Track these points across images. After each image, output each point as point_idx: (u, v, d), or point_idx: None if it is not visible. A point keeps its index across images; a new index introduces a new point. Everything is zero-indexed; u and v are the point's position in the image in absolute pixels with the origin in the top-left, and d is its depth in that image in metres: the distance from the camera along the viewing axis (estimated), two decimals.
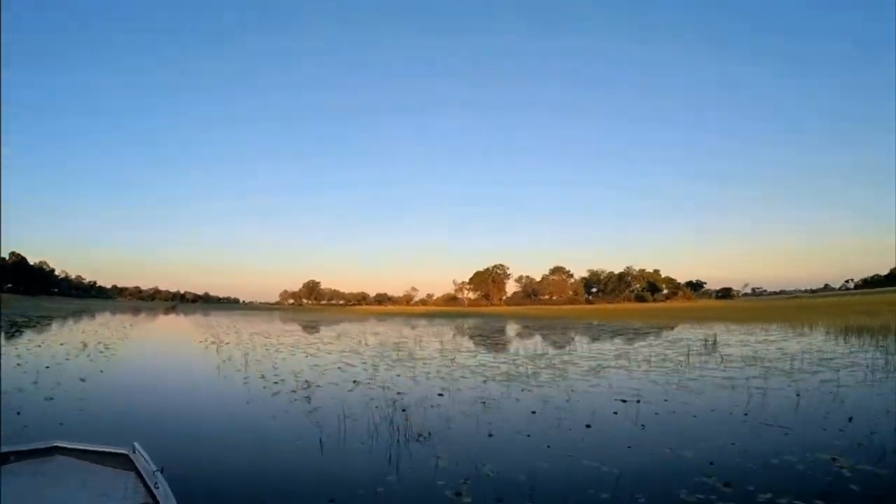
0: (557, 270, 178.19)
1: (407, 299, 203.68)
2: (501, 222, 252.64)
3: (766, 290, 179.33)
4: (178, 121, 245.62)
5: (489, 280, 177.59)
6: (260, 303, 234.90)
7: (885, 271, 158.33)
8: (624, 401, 10.48)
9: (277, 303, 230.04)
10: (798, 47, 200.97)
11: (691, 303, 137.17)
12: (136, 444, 4.48)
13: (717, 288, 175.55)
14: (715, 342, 23.43)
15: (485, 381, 13.31)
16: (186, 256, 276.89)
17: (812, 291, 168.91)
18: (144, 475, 4.17)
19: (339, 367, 16.05)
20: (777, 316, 46.77)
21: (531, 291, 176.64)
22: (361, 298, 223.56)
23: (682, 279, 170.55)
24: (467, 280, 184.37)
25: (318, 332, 37.81)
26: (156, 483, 4.02)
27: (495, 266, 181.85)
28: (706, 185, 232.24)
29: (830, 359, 16.66)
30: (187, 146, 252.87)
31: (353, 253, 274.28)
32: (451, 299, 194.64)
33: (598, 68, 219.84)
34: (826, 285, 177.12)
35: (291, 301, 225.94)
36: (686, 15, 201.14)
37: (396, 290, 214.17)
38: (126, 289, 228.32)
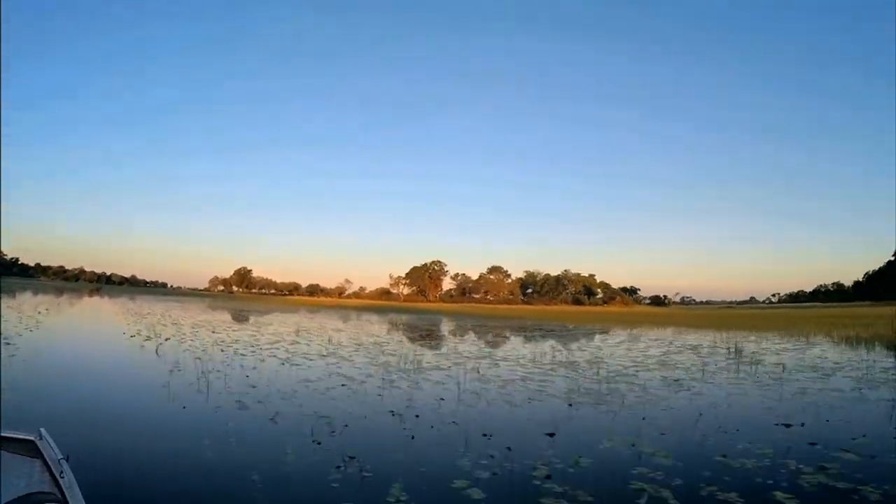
0: (495, 270, 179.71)
1: (339, 291, 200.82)
2: (441, 220, 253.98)
3: (694, 300, 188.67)
4: (112, 103, 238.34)
5: (426, 276, 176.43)
6: (188, 288, 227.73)
7: (809, 288, 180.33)
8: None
9: (207, 289, 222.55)
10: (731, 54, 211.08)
11: (629, 308, 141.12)
12: (43, 430, 4.20)
13: (649, 295, 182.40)
14: (737, 349, 22.17)
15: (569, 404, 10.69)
16: (115, 237, 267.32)
17: (739, 303, 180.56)
18: (50, 463, 3.98)
19: (342, 385, 11.79)
20: (728, 324, 47.71)
21: (467, 289, 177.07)
22: (294, 289, 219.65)
23: (616, 285, 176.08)
24: (403, 275, 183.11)
25: (269, 325, 34.72)
26: (61, 472, 3.87)
27: (433, 262, 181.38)
28: (648, 194, 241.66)
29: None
30: (119, 127, 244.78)
31: (287, 242, 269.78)
32: (384, 293, 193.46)
33: (552, 71, 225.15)
34: (752, 297, 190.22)
35: (221, 288, 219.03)
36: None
37: (330, 282, 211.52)
38: (50, 268, 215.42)
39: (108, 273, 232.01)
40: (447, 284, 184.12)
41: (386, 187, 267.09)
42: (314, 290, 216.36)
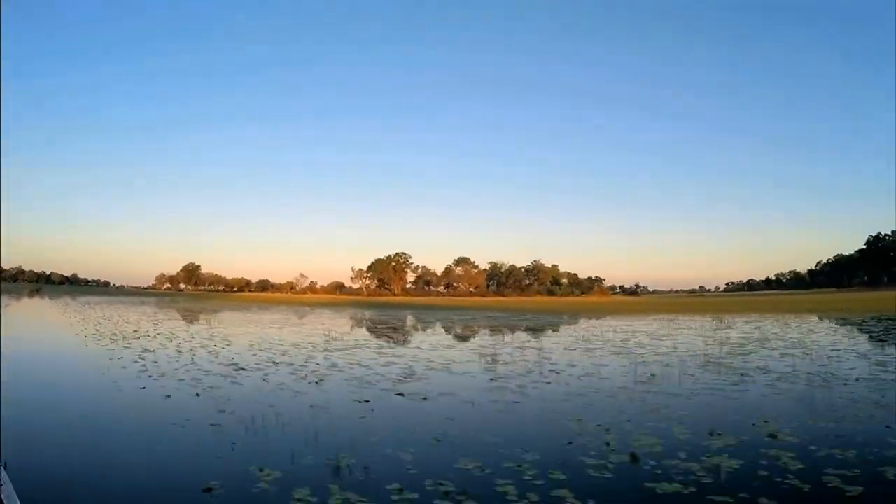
0: (462, 261, 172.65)
1: (290, 286, 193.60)
2: (401, 211, 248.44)
3: (647, 289, 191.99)
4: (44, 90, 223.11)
5: (390, 268, 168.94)
6: (132, 287, 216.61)
7: (759, 277, 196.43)
8: None
9: (153, 287, 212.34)
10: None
11: (609, 298, 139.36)
12: None
13: (609, 285, 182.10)
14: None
15: None
16: (53, 235, 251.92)
17: (690, 292, 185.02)
18: None
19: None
20: (727, 309, 51.28)
21: (432, 281, 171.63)
22: (245, 285, 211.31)
23: (581, 276, 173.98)
24: (365, 268, 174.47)
25: (262, 326, 31.12)
26: None
27: (397, 254, 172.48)
28: (605, 186, 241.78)
29: None
30: (53, 117, 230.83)
31: (238, 236, 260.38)
32: (338, 287, 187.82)
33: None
34: (701, 287, 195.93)
35: (168, 286, 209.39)
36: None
37: (284, 277, 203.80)
38: None
39: (49, 272, 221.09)
40: (412, 277, 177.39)
41: (344, 179, 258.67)
42: (265, 285, 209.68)
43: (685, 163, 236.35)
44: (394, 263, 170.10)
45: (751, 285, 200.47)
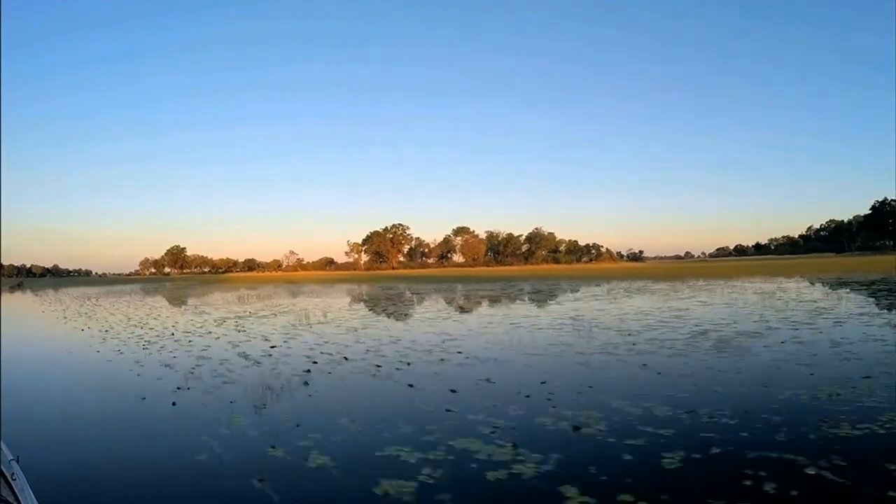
0: (462, 231, 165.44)
1: (276, 265, 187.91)
2: (395, 183, 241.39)
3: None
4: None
5: (387, 240, 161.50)
6: (114, 274, 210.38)
7: (732, 245, 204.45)
8: None
9: (136, 272, 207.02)
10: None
11: (619, 264, 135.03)
12: None
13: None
14: None
15: None
16: (30, 226, 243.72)
17: (678, 258, 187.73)
18: (1, 466, 3.81)
19: None
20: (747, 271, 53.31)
21: (427, 253, 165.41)
22: (232, 265, 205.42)
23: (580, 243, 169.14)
24: (360, 241, 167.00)
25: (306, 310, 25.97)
26: (12, 474, 3.73)
27: (394, 226, 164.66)
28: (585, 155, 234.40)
29: None
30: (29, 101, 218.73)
31: (222, 215, 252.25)
32: (328, 262, 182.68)
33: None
34: (687, 252, 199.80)
35: (153, 270, 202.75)
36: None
37: (274, 255, 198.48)
38: None
39: (29, 265, 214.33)
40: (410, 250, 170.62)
41: (331, 153, 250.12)
42: (251, 265, 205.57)
43: (674, 128, 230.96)
44: (391, 235, 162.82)
45: (739, 251, 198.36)
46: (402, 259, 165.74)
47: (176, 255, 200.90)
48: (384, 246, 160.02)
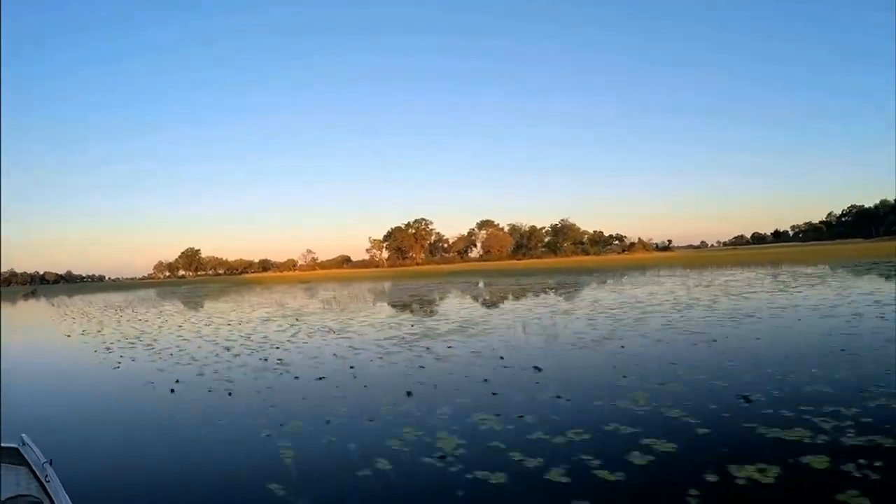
0: (486, 224, 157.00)
1: (291, 265, 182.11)
2: (414, 178, 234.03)
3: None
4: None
5: (411, 236, 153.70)
6: (127, 279, 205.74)
7: (748, 233, 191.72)
8: None
9: (150, 276, 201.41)
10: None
11: (653, 255, 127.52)
12: (25, 436, 4.25)
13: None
14: None
15: None
16: (42, 234, 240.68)
17: (693, 247, 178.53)
18: (35, 468, 3.99)
19: None
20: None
21: (447, 248, 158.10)
22: (247, 266, 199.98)
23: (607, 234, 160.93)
24: (381, 238, 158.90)
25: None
26: (46, 475, 3.89)
27: (416, 221, 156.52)
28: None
29: None
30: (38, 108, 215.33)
31: (235, 216, 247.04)
32: (344, 261, 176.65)
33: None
34: (702, 242, 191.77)
35: (167, 273, 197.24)
36: None
37: (290, 255, 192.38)
38: None
39: (42, 272, 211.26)
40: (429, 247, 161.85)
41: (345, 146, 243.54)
42: (266, 265, 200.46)
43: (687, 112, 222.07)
44: (413, 230, 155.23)
45: (757, 238, 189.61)
46: (440, 249, 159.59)
47: (190, 258, 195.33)
48: (407, 241, 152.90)
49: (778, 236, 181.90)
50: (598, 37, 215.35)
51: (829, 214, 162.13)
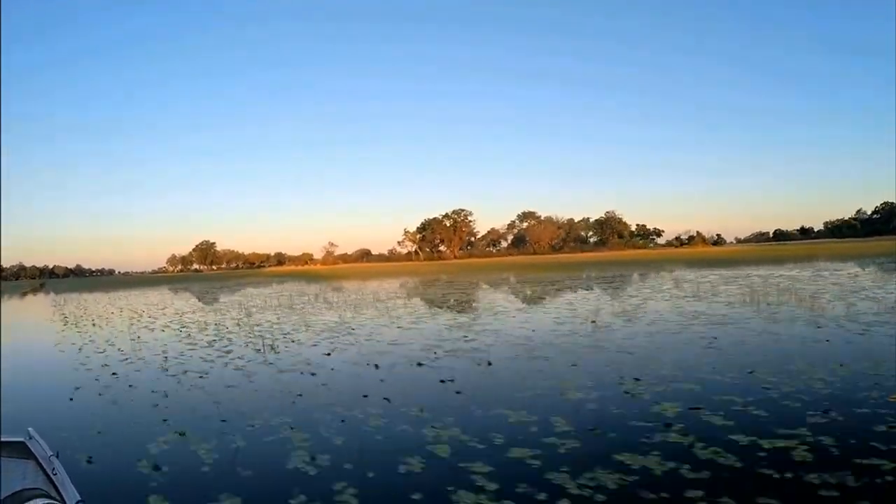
0: (528, 216, 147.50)
1: (306, 259, 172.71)
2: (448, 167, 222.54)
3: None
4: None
5: (447, 227, 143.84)
6: (137, 273, 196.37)
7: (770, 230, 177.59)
8: None
9: (162, 270, 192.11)
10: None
11: (711, 248, 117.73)
12: (31, 430, 4.22)
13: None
14: None
15: None
16: (51, 227, 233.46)
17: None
18: (42, 461, 4.03)
19: None
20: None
21: (492, 240, 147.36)
22: (265, 260, 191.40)
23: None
24: (414, 229, 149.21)
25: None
26: (53, 469, 3.92)
27: (454, 211, 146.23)
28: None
29: None
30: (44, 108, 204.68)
31: (252, 207, 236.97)
32: (364, 254, 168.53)
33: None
34: (719, 237, 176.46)
35: (181, 267, 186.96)
36: None
37: (303, 248, 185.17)
38: None
39: (51, 266, 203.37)
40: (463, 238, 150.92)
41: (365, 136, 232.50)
42: (280, 259, 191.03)
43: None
44: (450, 221, 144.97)
45: (779, 236, 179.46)
46: (480, 241, 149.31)
47: (205, 251, 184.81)
48: (445, 233, 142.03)
49: (805, 233, 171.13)
50: (648, 31, 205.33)
51: (859, 211, 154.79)
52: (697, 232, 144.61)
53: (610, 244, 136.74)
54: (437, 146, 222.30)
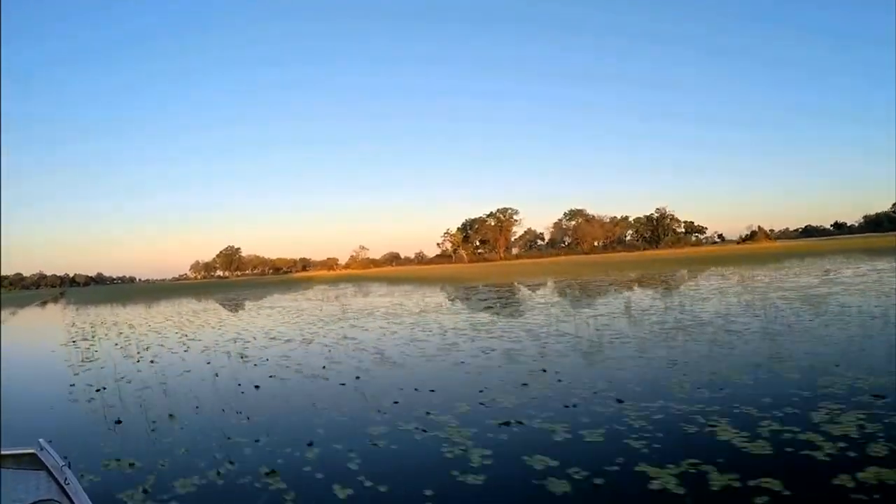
0: (576, 214, 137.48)
1: (329, 265, 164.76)
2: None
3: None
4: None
5: (493, 228, 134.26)
6: (158, 280, 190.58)
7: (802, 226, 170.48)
8: None
9: (184, 276, 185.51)
10: None
11: (775, 244, 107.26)
12: (42, 441, 4.05)
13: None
14: None
15: None
16: (73, 236, 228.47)
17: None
18: (53, 472, 3.89)
19: None
20: None
21: (555, 240, 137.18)
22: (292, 265, 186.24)
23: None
24: (455, 230, 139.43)
25: None
26: (65, 478, 3.80)
27: (500, 210, 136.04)
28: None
29: None
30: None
31: (278, 212, 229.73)
32: (393, 258, 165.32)
33: None
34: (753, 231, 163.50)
35: (204, 273, 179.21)
36: None
37: (328, 253, 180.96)
38: (6, 278, 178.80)
39: (72, 274, 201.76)
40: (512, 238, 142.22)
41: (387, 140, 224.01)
42: (305, 264, 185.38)
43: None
44: (495, 221, 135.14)
45: (807, 232, 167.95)
46: (527, 242, 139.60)
47: (229, 257, 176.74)
48: (491, 233, 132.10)
49: (840, 228, 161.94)
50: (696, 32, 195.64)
51: (895, 206, 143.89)
52: (759, 227, 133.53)
53: (664, 242, 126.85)
54: (476, 145, 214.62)
